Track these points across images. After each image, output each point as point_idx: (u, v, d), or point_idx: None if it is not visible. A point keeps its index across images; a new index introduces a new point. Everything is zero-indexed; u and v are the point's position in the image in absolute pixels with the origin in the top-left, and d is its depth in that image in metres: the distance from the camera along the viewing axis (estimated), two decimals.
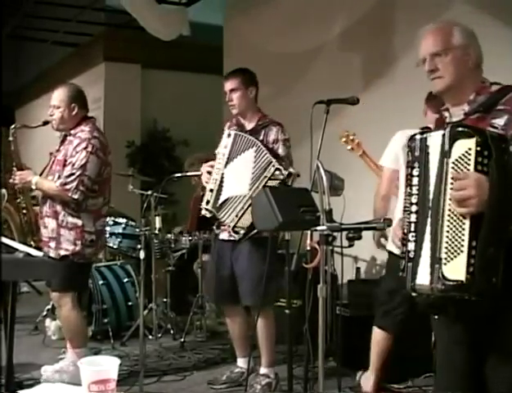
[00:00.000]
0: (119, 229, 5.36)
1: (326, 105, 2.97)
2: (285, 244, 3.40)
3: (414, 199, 1.88)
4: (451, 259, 1.74)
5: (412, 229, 1.88)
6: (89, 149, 3.79)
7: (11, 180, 4.00)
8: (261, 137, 3.82)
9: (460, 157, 1.74)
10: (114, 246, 5.35)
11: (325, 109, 2.96)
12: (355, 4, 5.63)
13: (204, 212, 3.87)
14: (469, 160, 1.72)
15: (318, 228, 2.43)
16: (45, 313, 5.26)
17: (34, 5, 8.47)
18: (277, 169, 3.65)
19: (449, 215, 1.76)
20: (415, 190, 1.88)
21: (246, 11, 7.02)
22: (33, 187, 3.90)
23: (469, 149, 1.72)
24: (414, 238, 1.87)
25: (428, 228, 1.83)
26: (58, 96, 3.92)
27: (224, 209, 3.77)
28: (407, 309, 3.49)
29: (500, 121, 1.86)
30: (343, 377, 3.75)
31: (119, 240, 5.34)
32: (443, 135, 1.79)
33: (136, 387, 3.70)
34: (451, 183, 1.75)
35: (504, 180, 1.71)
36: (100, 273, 5.17)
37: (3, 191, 4.30)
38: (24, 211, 4.14)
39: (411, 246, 1.88)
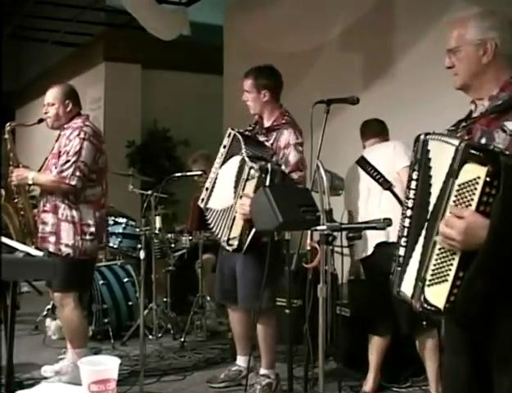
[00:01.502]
0: (119, 229, 5.35)
1: (326, 104, 2.97)
2: (285, 244, 3.39)
3: (410, 203, 1.84)
4: (436, 283, 1.70)
5: (405, 234, 1.85)
6: (82, 135, 3.79)
7: (8, 179, 3.99)
8: (271, 141, 3.77)
9: (467, 183, 1.64)
10: (115, 246, 5.35)
11: (325, 109, 2.96)
12: (355, 4, 5.63)
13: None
14: (476, 189, 1.62)
15: (318, 227, 2.43)
16: (45, 312, 5.25)
17: (35, 5, 8.46)
18: (251, 167, 3.53)
19: None
20: (411, 194, 1.84)
21: (246, 11, 7.02)
22: (30, 182, 3.88)
23: (478, 177, 1.61)
24: (405, 244, 1.85)
25: (421, 240, 1.78)
26: (52, 94, 3.96)
27: (210, 216, 3.76)
28: (397, 312, 3.52)
29: (510, 125, 1.78)
30: (344, 377, 3.75)
31: (119, 240, 5.34)
32: (456, 150, 1.68)
33: (137, 387, 3.70)
34: (452, 206, 1.68)
35: (507, 220, 1.61)
36: (100, 272, 5.17)
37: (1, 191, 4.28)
38: (23, 212, 4.12)
39: (402, 251, 1.86)
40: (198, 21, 7.67)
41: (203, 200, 3.84)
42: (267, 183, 3.45)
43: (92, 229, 3.83)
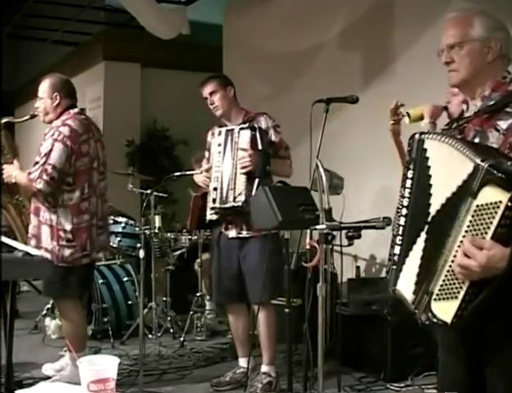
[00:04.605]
0: (119, 228, 5.35)
1: (326, 103, 2.97)
2: (285, 243, 3.40)
3: (405, 202, 1.83)
4: (444, 299, 1.69)
5: (400, 233, 1.84)
6: (55, 136, 3.63)
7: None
8: None
9: (486, 205, 1.59)
10: (114, 245, 5.34)
11: (324, 108, 2.96)
12: (354, 2, 5.62)
13: (209, 215, 3.88)
14: (496, 213, 1.58)
15: (318, 226, 2.43)
16: (45, 312, 5.25)
17: (34, 4, 8.46)
18: (240, 128, 3.76)
19: (455, 257, 1.67)
20: (407, 193, 1.82)
21: (246, 10, 7.01)
22: (14, 180, 3.76)
23: (500, 202, 1.57)
24: (400, 242, 1.84)
25: (420, 243, 1.77)
26: (42, 87, 3.85)
27: (225, 196, 3.77)
28: None
29: (503, 124, 1.78)
30: (343, 376, 3.75)
31: (118, 239, 5.33)
32: (476, 169, 1.61)
33: (136, 386, 3.70)
34: (468, 226, 1.64)
35: None
36: (99, 272, 5.17)
37: None
38: (24, 210, 4.09)
39: (397, 249, 1.85)
40: (197, 20, 7.66)
41: (214, 200, 3.81)
42: (259, 141, 3.70)
43: (69, 236, 3.65)
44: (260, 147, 3.72)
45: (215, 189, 3.81)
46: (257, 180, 3.67)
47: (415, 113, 2.42)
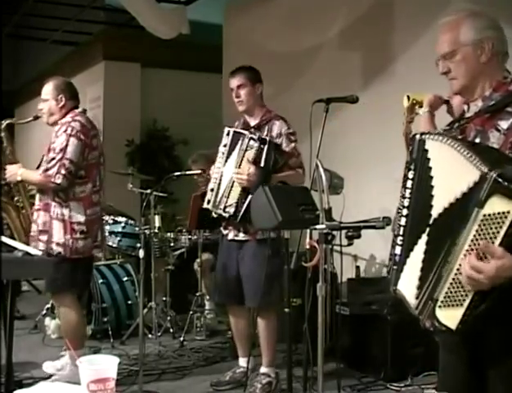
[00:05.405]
0: (119, 228, 5.35)
1: (326, 103, 2.96)
2: (285, 243, 3.39)
3: (406, 202, 1.82)
4: (449, 306, 1.69)
5: (401, 233, 1.83)
6: (68, 131, 3.73)
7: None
8: (265, 133, 3.80)
9: (493, 215, 1.58)
10: (114, 245, 5.35)
11: (324, 107, 2.96)
12: (354, 2, 5.62)
13: (213, 213, 3.88)
14: (503, 223, 1.57)
15: (317, 226, 2.43)
16: (44, 311, 5.25)
17: (34, 4, 8.47)
18: (250, 138, 3.67)
19: (461, 265, 1.66)
20: (407, 193, 1.82)
21: (246, 10, 7.02)
22: (19, 179, 3.83)
23: (508, 212, 1.56)
24: (401, 243, 1.83)
25: (421, 245, 1.76)
26: (45, 89, 3.92)
27: (219, 200, 3.77)
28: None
29: (504, 124, 1.78)
30: (343, 376, 3.75)
31: (118, 239, 5.34)
32: (483, 178, 1.59)
33: (136, 386, 3.70)
34: (474, 235, 1.62)
35: None
36: (99, 271, 5.17)
37: None
38: (23, 211, 4.11)
39: (398, 249, 1.84)
40: (197, 20, 7.67)
41: (209, 201, 3.82)
42: (264, 158, 3.60)
43: (83, 227, 3.76)
44: (262, 165, 3.63)
45: (211, 190, 3.82)
46: (250, 196, 3.59)
47: (416, 98, 2.39)
